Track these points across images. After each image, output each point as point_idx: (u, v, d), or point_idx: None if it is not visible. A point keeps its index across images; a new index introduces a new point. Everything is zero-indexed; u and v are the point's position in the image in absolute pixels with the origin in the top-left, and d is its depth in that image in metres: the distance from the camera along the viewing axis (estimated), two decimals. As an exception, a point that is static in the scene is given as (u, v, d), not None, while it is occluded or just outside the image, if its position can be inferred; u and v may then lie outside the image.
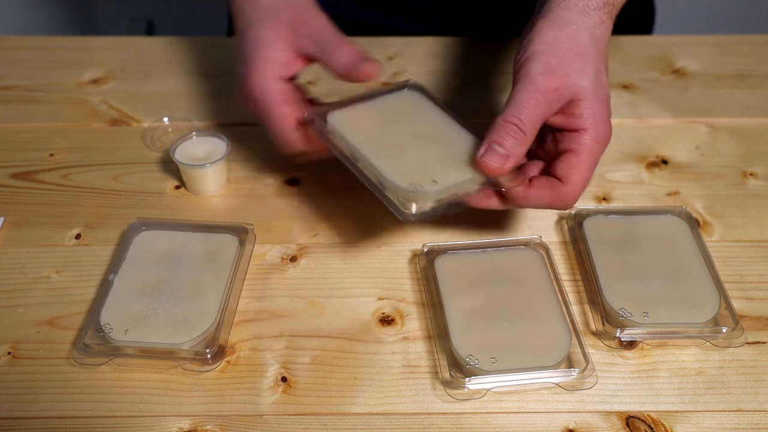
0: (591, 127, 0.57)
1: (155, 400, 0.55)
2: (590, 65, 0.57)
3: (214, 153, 0.71)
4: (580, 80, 0.57)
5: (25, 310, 0.61)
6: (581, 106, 0.57)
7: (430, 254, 0.63)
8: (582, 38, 0.58)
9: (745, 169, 0.74)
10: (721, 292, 0.60)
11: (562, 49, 0.57)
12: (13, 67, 0.88)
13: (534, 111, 0.56)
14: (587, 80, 0.57)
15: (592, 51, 0.58)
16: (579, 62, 0.57)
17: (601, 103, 0.58)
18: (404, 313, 0.61)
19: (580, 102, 0.57)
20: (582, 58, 0.57)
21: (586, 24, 0.58)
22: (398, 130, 0.61)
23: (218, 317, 0.58)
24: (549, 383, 0.55)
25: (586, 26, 0.58)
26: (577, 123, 0.57)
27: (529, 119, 0.56)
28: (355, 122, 0.62)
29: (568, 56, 0.57)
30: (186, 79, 0.86)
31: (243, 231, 0.65)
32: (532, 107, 0.56)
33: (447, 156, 0.59)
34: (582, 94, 0.57)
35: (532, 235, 0.65)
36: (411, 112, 0.63)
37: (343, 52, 0.62)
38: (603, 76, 0.59)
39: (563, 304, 0.59)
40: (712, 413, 0.54)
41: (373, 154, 0.59)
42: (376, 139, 0.60)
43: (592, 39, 0.58)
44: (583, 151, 0.57)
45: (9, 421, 0.54)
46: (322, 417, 0.54)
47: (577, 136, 0.57)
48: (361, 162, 0.59)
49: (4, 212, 0.69)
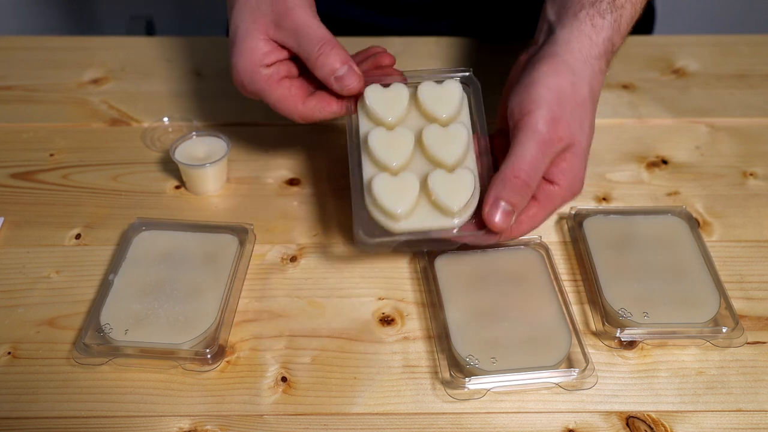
0: (566, 184, 0.57)
1: (155, 400, 0.55)
2: (588, 118, 0.58)
3: (214, 153, 0.71)
4: (579, 134, 0.57)
5: (25, 310, 0.61)
6: (567, 159, 0.57)
7: (430, 254, 0.63)
8: (583, 89, 0.58)
9: (745, 169, 0.74)
10: (721, 292, 0.60)
11: (568, 99, 0.57)
12: (13, 67, 0.88)
13: (540, 164, 0.55)
14: (584, 135, 0.57)
15: (589, 104, 0.58)
16: (580, 114, 0.57)
17: (585, 159, 0.58)
18: (404, 313, 0.61)
19: (568, 155, 0.57)
20: (583, 110, 0.57)
21: (587, 74, 0.58)
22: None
23: (218, 317, 0.58)
24: (549, 383, 0.55)
25: (586, 77, 0.58)
26: (554, 175, 0.57)
27: (536, 172, 0.55)
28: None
29: (571, 107, 0.56)
30: (186, 79, 0.86)
31: (243, 231, 0.65)
32: (539, 160, 0.55)
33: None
34: (573, 148, 0.57)
35: (532, 235, 0.65)
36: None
37: (329, 59, 0.60)
38: (593, 129, 0.59)
39: (563, 304, 0.59)
40: (712, 413, 0.54)
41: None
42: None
43: (590, 91, 0.58)
44: (548, 204, 0.58)
45: (9, 421, 0.54)
46: (322, 417, 0.54)
47: (550, 189, 0.57)
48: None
49: (4, 212, 0.69)
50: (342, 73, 0.60)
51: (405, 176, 0.57)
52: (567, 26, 0.59)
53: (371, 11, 0.94)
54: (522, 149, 0.55)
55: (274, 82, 0.62)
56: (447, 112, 0.60)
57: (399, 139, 0.59)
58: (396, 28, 0.93)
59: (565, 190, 0.58)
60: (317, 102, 0.62)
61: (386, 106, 0.60)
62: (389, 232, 0.56)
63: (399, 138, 0.59)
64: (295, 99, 0.62)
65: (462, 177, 0.57)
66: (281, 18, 0.61)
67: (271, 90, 0.62)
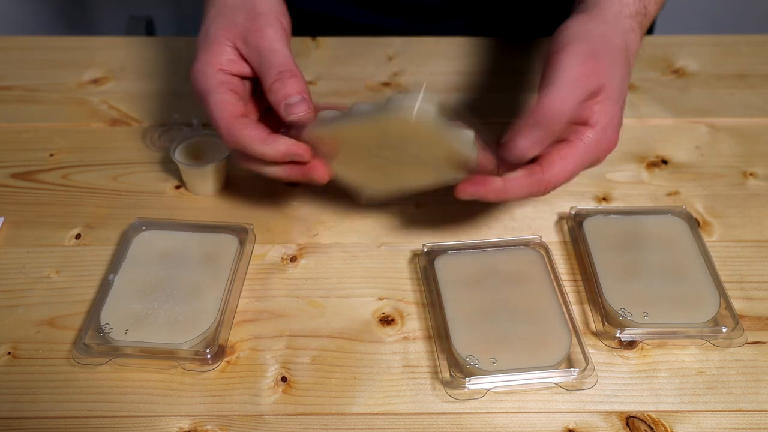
0: (600, 128, 0.55)
1: (155, 400, 0.55)
2: (620, 64, 0.56)
3: (214, 153, 0.71)
4: (611, 75, 0.55)
5: (25, 310, 0.61)
6: (600, 101, 0.55)
7: (430, 254, 0.63)
8: (616, 38, 0.57)
9: (745, 169, 0.74)
10: (721, 292, 0.60)
11: (596, 40, 0.55)
12: (13, 67, 0.88)
13: (571, 99, 0.53)
14: (617, 78, 0.55)
15: (620, 53, 0.57)
16: (612, 57, 0.56)
17: (620, 107, 0.56)
18: (404, 313, 0.61)
19: (601, 97, 0.55)
20: (616, 55, 0.56)
21: (619, 28, 0.58)
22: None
23: (218, 317, 0.58)
24: (549, 383, 0.55)
25: (619, 29, 0.58)
26: (587, 116, 0.55)
27: (564, 109, 0.53)
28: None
29: (601, 47, 0.55)
30: (186, 79, 0.85)
31: (243, 231, 0.65)
32: (570, 95, 0.53)
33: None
34: (606, 90, 0.55)
35: (532, 235, 0.65)
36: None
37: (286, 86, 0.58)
38: (627, 83, 0.57)
39: (563, 304, 0.59)
40: (712, 413, 0.54)
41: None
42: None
43: (623, 42, 0.58)
44: (579, 144, 0.56)
45: (9, 421, 0.54)
46: (322, 417, 0.54)
47: (582, 129, 0.56)
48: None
49: (4, 212, 0.69)
50: (294, 101, 0.58)
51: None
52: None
53: (369, 11, 0.94)
54: (549, 85, 0.54)
55: (224, 88, 0.59)
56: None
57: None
58: (394, 28, 0.93)
59: (599, 133, 0.55)
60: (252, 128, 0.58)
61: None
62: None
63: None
64: (233, 110, 0.58)
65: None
66: (250, 34, 0.60)
67: (218, 92, 0.59)
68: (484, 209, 0.70)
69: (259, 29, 0.60)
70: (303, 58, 0.89)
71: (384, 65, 0.88)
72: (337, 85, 0.85)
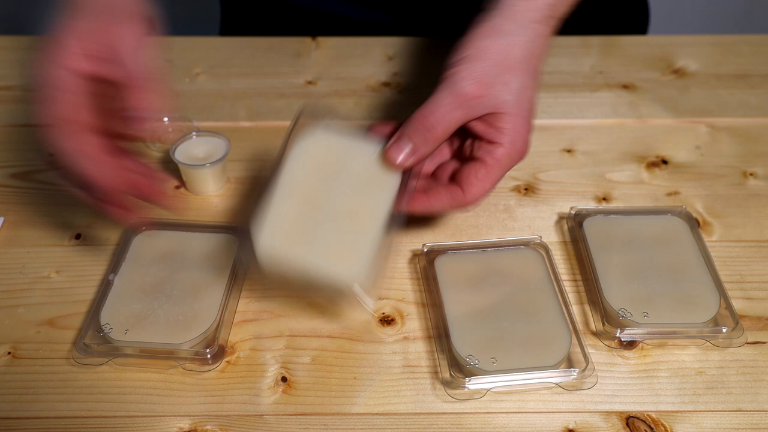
0: (508, 143, 0.58)
1: (155, 400, 0.55)
2: (516, 80, 0.58)
3: (214, 153, 0.71)
4: (504, 93, 0.57)
5: (25, 310, 0.61)
6: (503, 119, 0.57)
7: (430, 254, 0.63)
8: (515, 51, 0.58)
9: (745, 169, 0.74)
10: (721, 292, 0.60)
11: (492, 59, 0.57)
12: (13, 67, 0.88)
13: (451, 114, 0.56)
14: (511, 95, 0.57)
15: (522, 66, 0.58)
16: (505, 75, 0.57)
17: (524, 118, 0.58)
18: (404, 313, 0.61)
19: (503, 115, 0.57)
20: (509, 72, 0.57)
21: (522, 37, 0.59)
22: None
23: (218, 317, 0.58)
24: (549, 383, 0.55)
25: (522, 39, 0.59)
26: (495, 136, 0.58)
27: (444, 121, 0.56)
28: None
29: (496, 68, 0.57)
30: (186, 79, 0.86)
31: (243, 231, 0.65)
32: (450, 110, 0.56)
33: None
34: (505, 108, 0.57)
35: (532, 235, 0.65)
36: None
37: (150, 95, 0.54)
38: (529, 92, 0.59)
39: (563, 304, 0.59)
40: (712, 413, 0.54)
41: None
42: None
43: (525, 53, 0.58)
44: (492, 163, 0.58)
45: (9, 421, 0.54)
46: (322, 417, 0.54)
47: (492, 149, 0.58)
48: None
49: (4, 212, 0.69)
50: (136, 115, 0.53)
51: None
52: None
53: (356, 6, 0.94)
54: (436, 97, 0.57)
55: (65, 86, 0.53)
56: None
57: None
58: (383, 24, 0.93)
59: (508, 147, 0.58)
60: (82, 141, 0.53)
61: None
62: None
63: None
64: (68, 111, 0.53)
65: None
66: (104, 26, 0.55)
67: (57, 89, 0.53)
68: (483, 209, 0.70)
69: (118, 25, 0.55)
70: (303, 58, 0.89)
71: (384, 65, 0.88)
72: (337, 85, 0.85)
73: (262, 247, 0.54)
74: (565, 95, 0.84)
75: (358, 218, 0.56)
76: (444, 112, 0.56)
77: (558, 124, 0.80)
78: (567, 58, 0.89)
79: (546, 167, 0.74)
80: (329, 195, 0.57)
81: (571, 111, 0.81)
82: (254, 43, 0.92)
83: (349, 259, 0.54)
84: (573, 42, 0.92)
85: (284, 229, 0.55)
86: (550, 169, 0.74)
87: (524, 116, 0.58)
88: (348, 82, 0.85)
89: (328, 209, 0.56)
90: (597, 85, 0.85)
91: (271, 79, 0.86)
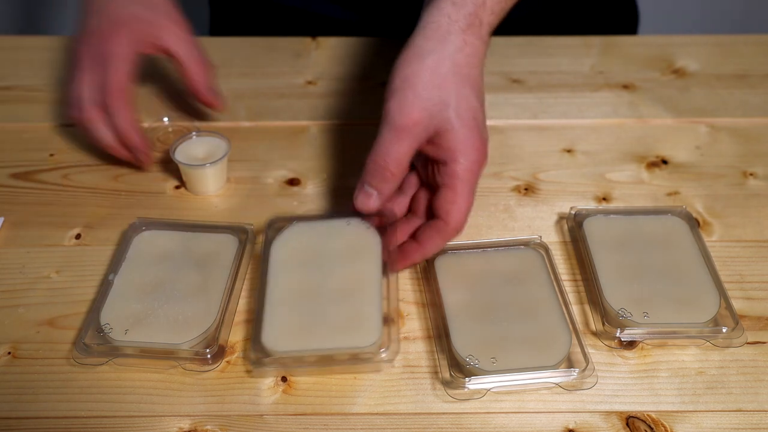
0: (460, 157, 0.58)
1: (155, 400, 0.55)
2: (451, 94, 0.58)
3: (214, 153, 0.71)
4: (442, 111, 0.58)
5: (25, 310, 0.61)
6: (447, 137, 0.58)
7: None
8: (441, 68, 0.58)
9: (745, 169, 0.74)
10: (721, 292, 0.60)
11: (420, 83, 0.58)
12: (13, 67, 0.88)
13: (397, 149, 0.58)
14: (449, 110, 0.58)
15: (452, 79, 0.58)
16: (438, 94, 0.58)
17: (469, 129, 0.58)
18: (404, 313, 0.61)
19: (446, 133, 0.58)
20: (441, 90, 0.58)
21: (446, 52, 0.59)
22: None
23: (218, 317, 0.58)
24: (549, 383, 0.55)
25: (446, 54, 0.59)
26: (445, 155, 0.58)
27: (394, 157, 0.58)
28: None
29: (427, 90, 0.58)
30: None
31: (243, 231, 0.65)
32: (395, 145, 0.58)
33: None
34: (446, 125, 0.58)
35: (532, 235, 0.65)
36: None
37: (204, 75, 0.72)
38: (471, 99, 0.59)
39: (563, 304, 0.59)
40: (712, 413, 0.54)
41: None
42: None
43: (453, 66, 0.59)
44: (456, 184, 0.59)
45: (9, 421, 0.54)
46: (322, 417, 0.54)
47: (448, 169, 0.59)
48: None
49: (4, 212, 0.69)
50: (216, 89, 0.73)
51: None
52: (427, 10, 0.61)
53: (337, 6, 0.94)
54: (378, 138, 0.59)
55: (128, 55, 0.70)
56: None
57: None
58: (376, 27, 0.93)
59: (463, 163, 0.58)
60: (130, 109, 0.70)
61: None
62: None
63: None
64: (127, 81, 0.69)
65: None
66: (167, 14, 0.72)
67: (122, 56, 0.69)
68: (483, 209, 0.70)
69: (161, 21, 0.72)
70: (303, 58, 0.89)
71: (384, 65, 0.88)
72: (337, 85, 0.85)
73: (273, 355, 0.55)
74: (565, 95, 0.84)
75: (356, 291, 0.58)
76: (390, 149, 0.58)
77: (558, 124, 0.80)
78: (567, 58, 0.89)
79: (546, 167, 0.74)
80: (320, 280, 0.59)
81: (571, 111, 0.81)
82: (254, 43, 0.92)
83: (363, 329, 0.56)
84: (573, 42, 0.92)
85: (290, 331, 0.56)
86: (550, 169, 0.74)
87: (468, 126, 0.58)
88: (348, 82, 0.85)
89: (324, 294, 0.58)
90: (597, 85, 0.85)
91: (271, 79, 0.86)
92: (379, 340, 0.55)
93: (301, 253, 0.61)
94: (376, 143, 0.59)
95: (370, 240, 0.61)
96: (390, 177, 0.59)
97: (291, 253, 0.61)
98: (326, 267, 0.60)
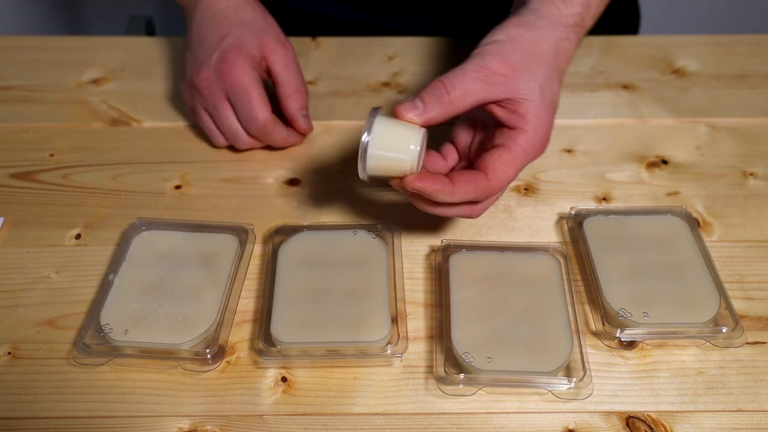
0: (530, 130, 0.57)
1: (155, 400, 0.55)
2: (543, 70, 0.58)
3: None
4: (529, 80, 0.57)
5: (25, 310, 0.61)
6: (526, 105, 0.57)
7: (446, 250, 0.63)
8: (544, 45, 0.58)
9: (745, 169, 0.74)
10: (721, 292, 0.60)
11: (522, 46, 0.57)
12: (13, 67, 0.88)
13: (471, 84, 0.55)
14: (536, 83, 0.57)
15: (549, 60, 0.58)
16: (533, 63, 0.57)
17: (547, 109, 0.58)
18: (408, 313, 0.61)
19: (526, 102, 0.57)
20: (537, 62, 0.57)
21: (554, 35, 0.59)
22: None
23: (218, 317, 0.58)
24: (542, 390, 0.55)
25: (552, 36, 0.59)
26: (518, 121, 0.57)
27: (462, 88, 0.55)
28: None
29: (526, 54, 0.57)
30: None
31: (243, 231, 0.65)
32: (471, 80, 0.55)
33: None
34: (528, 95, 0.57)
35: (553, 242, 0.65)
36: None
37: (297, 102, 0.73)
38: (554, 85, 0.59)
39: (571, 314, 0.58)
40: (712, 413, 0.54)
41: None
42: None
43: (554, 48, 0.59)
44: (516, 149, 0.57)
45: (9, 421, 0.54)
46: (322, 417, 0.54)
47: (515, 134, 0.57)
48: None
49: (4, 212, 0.69)
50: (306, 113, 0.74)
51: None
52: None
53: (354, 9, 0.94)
54: (461, 67, 0.56)
55: (258, 83, 0.70)
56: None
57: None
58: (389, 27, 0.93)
59: (531, 135, 0.57)
60: (282, 128, 0.73)
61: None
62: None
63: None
64: (268, 107, 0.71)
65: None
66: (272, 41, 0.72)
67: (255, 87, 0.70)
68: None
69: (280, 40, 0.73)
70: (303, 58, 0.89)
71: (384, 65, 0.88)
72: (337, 85, 0.85)
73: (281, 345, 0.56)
74: (565, 95, 0.83)
75: (363, 293, 0.59)
76: (464, 80, 0.55)
77: (558, 124, 0.79)
78: (567, 58, 0.89)
79: (546, 167, 0.74)
80: (328, 282, 0.60)
81: (571, 111, 0.81)
82: (254, 43, 0.92)
83: (373, 325, 0.57)
84: (573, 42, 0.92)
85: (299, 324, 0.57)
86: (550, 169, 0.74)
87: (547, 106, 0.58)
88: (348, 82, 0.85)
89: (332, 294, 0.59)
90: (597, 85, 0.85)
91: (271, 79, 0.86)
92: (388, 336, 0.56)
93: (309, 258, 0.62)
94: (455, 70, 0.56)
95: (376, 249, 0.63)
96: (446, 103, 0.55)
97: (299, 257, 0.62)
98: (334, 270, 0.61)
